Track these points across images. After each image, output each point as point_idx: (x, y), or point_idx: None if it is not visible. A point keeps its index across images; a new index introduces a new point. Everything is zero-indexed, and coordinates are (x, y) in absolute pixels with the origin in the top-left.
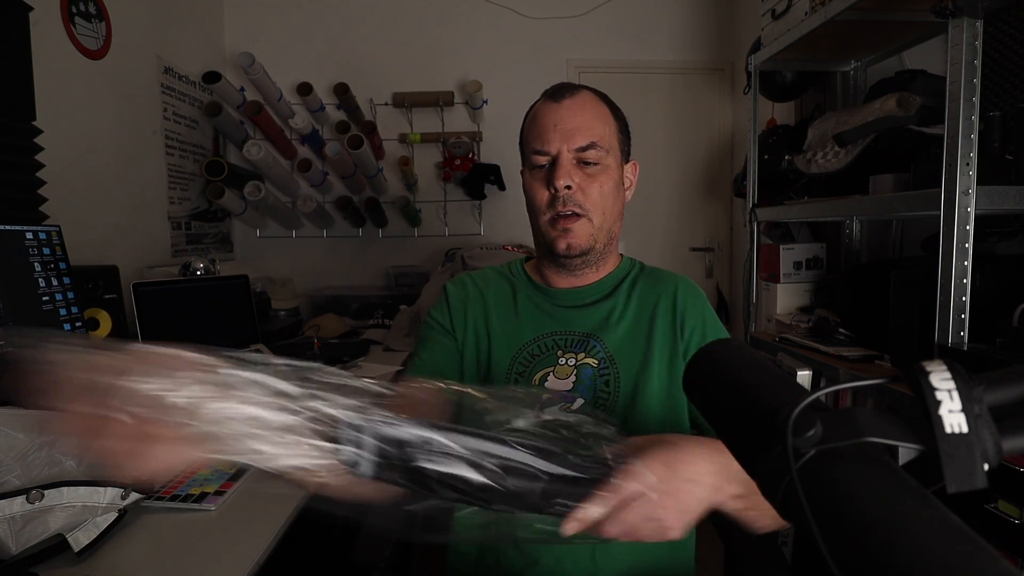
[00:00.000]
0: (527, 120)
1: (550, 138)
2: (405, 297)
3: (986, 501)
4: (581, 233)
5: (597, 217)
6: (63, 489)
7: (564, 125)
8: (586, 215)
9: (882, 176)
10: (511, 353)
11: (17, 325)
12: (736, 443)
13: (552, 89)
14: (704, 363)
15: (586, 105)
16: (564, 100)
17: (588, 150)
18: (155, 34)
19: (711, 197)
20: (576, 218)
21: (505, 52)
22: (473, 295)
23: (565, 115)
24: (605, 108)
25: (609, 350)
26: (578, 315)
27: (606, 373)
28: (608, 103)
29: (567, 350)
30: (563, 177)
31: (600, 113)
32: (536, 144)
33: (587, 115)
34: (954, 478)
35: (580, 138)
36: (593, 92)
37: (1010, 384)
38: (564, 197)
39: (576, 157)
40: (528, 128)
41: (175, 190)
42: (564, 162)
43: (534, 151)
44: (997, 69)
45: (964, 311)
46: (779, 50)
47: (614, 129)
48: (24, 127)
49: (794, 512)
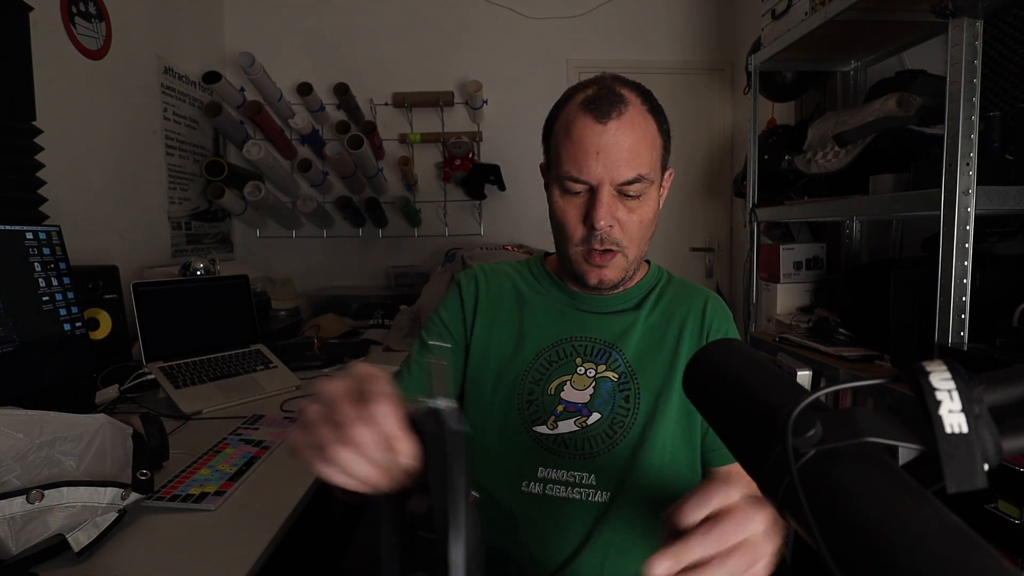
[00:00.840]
0: (558, 125)
1: (590, 167)
2: (405, 297)
3: (986, 501)
4: (616, 268)
5: (633, 251)
6: (63, 489)
7: (608, 155)
8: (622, 251)
9: (882, 176)
10: (528, 358)
11: (17, 325)
12: (736, 443)
13: (594, 98)
14: (704, 363)
15: (635, 127)
16: (610, 122)
17: (633, 184)
18: (155, 34)
19: (711, 197)
20: (612, 255)
21: (505, 52)
22: (487, 290)
23: (610, 141)
24: (652, 125)
25: (630, 363)
26: (601, 322)
27: (626, 388)
28: (655, 113)
29: (587, 358)
30: (604, 217)
31: (647, 135)
32: (572, 170)
33: (633, 141)
34: (954, 478)
35: (626, 171)
36: (641, 100)
37: (1010, 384)
38: (603, 235)
39: (618, 190)
40: (560, 140)
41: (175, 190)
42: (605, 197)
43: (569, 176)
44: (997, 69)
45: (964, 311)
46: (779, 50)
47: (660, 149)
48: (24, 127)
49: (794, 512)
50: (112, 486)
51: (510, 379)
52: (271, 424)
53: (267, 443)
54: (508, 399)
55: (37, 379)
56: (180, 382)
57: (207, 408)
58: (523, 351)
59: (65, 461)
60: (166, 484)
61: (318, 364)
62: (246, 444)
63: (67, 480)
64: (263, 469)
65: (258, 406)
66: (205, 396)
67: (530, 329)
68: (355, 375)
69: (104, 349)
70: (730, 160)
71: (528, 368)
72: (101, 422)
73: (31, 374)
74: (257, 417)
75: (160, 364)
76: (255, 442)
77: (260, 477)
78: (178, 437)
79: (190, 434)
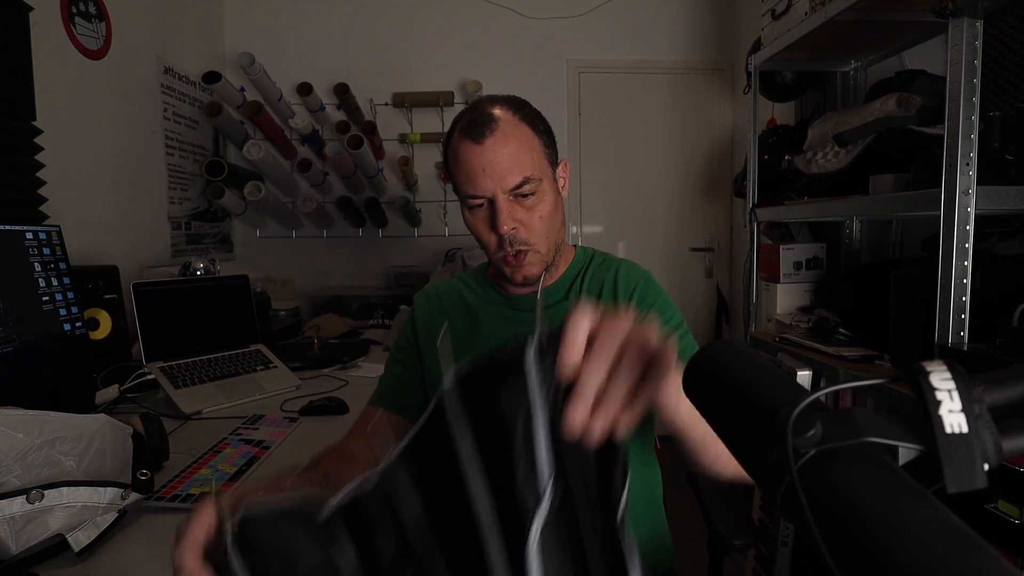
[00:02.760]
0: (449, 156)
1: (481, 183)
2: (405, 297)
3: (986, 501)
4: (532, 264)
5: (543, 244)
6: (63, 489)
7: (492, 168)
8: (533, 248)
9: (882, 176)
10: None
11: (17, 325)
12: (735, 443)
13: (468, 125)
14: (703, 364)
15: (508, 139)
16: (486, 140)
17: (523, 186)
18: (155, 34)
19: (711, 197)
20: (524, 254)
21: (505, 52)
22: (439, 308)
23: (490, 157)
24: (527, 130)
25: None
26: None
27: None
28: (527, 119)
29: None
30: (506, 222)
31: (524, 141)
32: (468, 188)
33: (511, 150)
34: (954, 478)
35: (512, 178)
36: (510, 112)
37: (1010, 384)
38: (509, 239)
39: (512, 195)
40: (454, 169)
41: (175, 190)
42: (502, 205)
43: (468, 195)
44: (997, 69)
45: (964, 311)
46: (779, 50)
47: (540, 150)
48: (24, 127)
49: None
50: (112, 486)
51: None
52: (271, 424)
53: (267, 443)
54: None
55: (37, 379)
56: (180, 382)
57: (207, 408)
58: None
59: (65, 461)
60: (166, 484)
61: (317, 364)
62: (246, 444)
63: (67, 480)
64: (263, 469)
65: (258, 406)
66: (205, 396)
67: (482, 338)
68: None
69: (104, 349)
70: (730, 160)
71: None
72: (101, 422)
73: (31, 374)
74: (257, 417)
75: (160, 364)
76: (255, 442)
77: (260, 477)
78: (178, 437)
79: (190, 434)
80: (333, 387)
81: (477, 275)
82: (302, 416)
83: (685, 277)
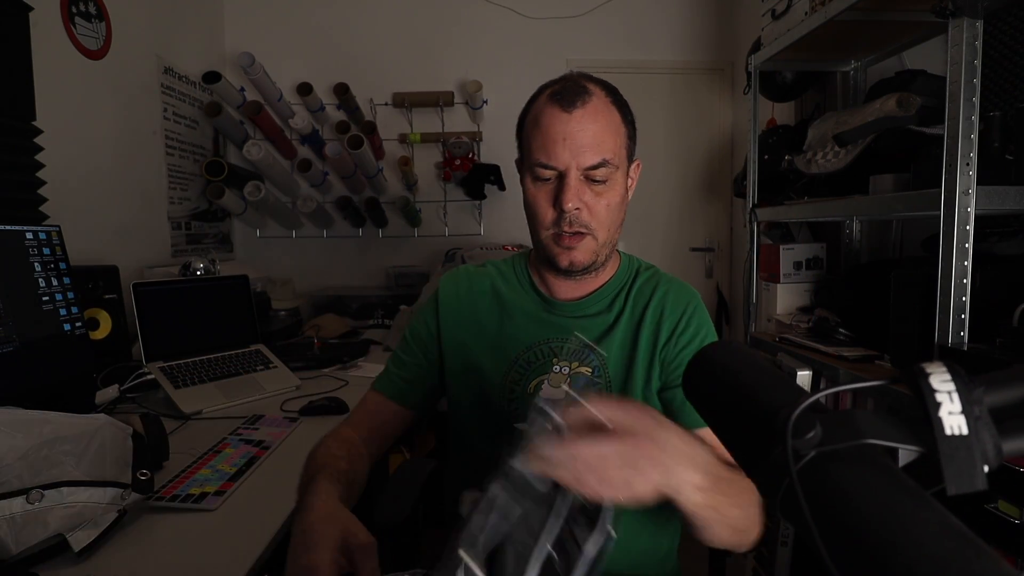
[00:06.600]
0: (528, 119)
1: (558, 153)
2: (405, 297)
3: (986, 501)
4: (585, 250)
5: (602, 234)
6: (63, 489)
7: (574, 141)
8: (591, 233)
9: (882, 176)
10: (508, 360)
11: (17, 325)
12: (735, 444)
13: (560, 91)
14: (703, 365)
15: (598, 115)
16: (575, 110)
17: (599, 168)
18: (155, 34)
19: (711, 197)
20: (581, 237)
21: (505, 52)
22: (467, 292)
23: (575, 128)
24: (616, 115)
25: (604, 358)
26: (577, 325)
27: (599, 381)
28: (618, 105)
29: (563, 358)
30: (572, 199)
31: (611, 123)
32: (541, 156)
33: (598, 128)
34: (954, 480)
35: (591, 156)
36: (604, 92)
37: (1010, 385)
38: (571, 218)
39: (585, 175)
40: (530, 132)
41: (175, 190)
42: (572, 181)
43: (539, 163)
44: (997, 69)
45: (964, 311)
46: (779, 50)
47: (624, 138)
48: (24, 127)
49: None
50: (112, 486)
51: (493, 382)
52: (271, 424)
53: (267, 443)
54: (492, 398)
55: (37, 379)
56: (180, 382)
57: (207, 408)
58: (504, 355)
59: (65, 461)
60: (166, 484)
61: (317, 364)
62: (246, 444)
63: (67, 480)
64: (263, 469)
65: (258, 406)
66: (205, 396)
67: (511, 333)
68: None
69: (104, 349)
70: (730, 160)
71: (508, 370)
72: (101, 422)
73: (31, 374)
74: (257, 417)
75: (160, 364)
76: (255, 442)
77: (260, 477)
78: (178, 437)
79: (190, 434)
80: (333, 387)
81: (515, 264)
82: (302, 416)
83: (685, 277)
